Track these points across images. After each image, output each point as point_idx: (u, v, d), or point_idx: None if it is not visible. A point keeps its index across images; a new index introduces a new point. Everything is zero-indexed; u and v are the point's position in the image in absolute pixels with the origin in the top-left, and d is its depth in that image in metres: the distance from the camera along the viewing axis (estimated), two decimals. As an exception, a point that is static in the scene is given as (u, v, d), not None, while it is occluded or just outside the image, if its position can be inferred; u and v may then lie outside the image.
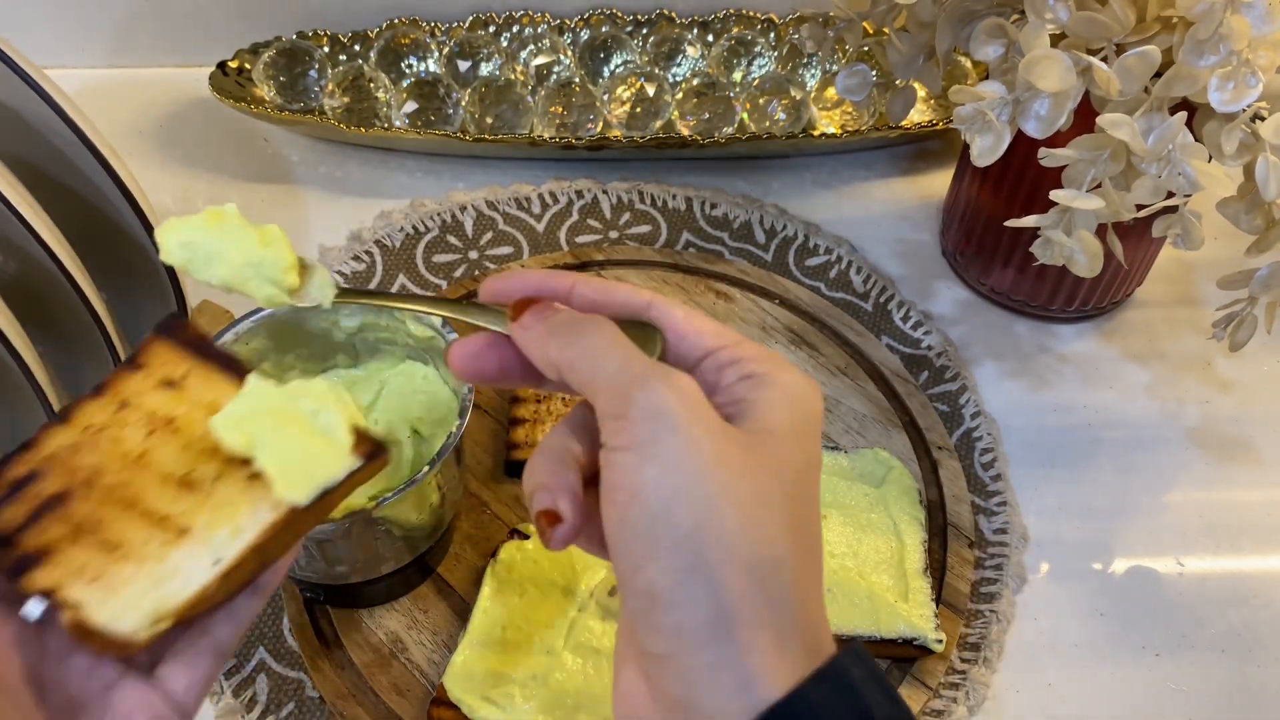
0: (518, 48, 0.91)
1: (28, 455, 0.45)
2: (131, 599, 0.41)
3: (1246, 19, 0.52)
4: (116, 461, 0.45)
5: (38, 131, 0.59)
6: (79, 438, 0.46)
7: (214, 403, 0.47)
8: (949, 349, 0.77)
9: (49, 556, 0.42)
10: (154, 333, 0.50)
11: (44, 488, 0.44)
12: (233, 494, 0.45)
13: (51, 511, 0.43)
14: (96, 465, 0.45)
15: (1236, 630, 0.64)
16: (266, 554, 0.44)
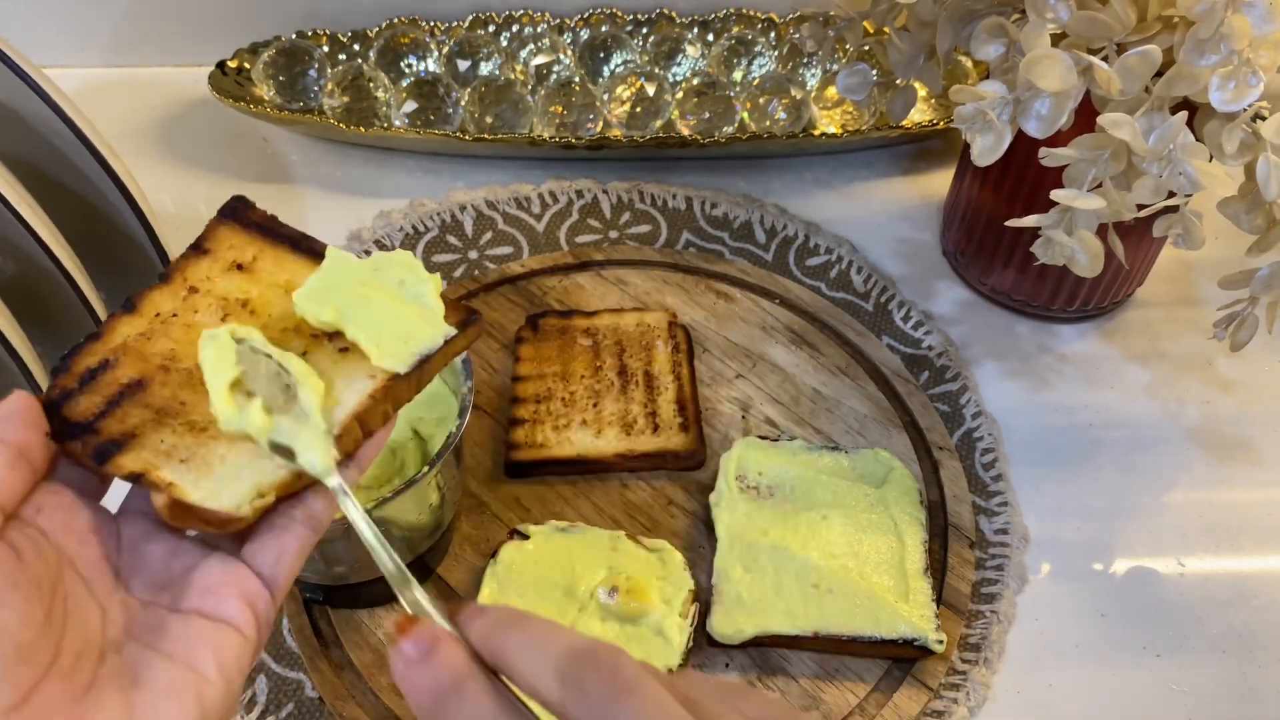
0: (517, 47, 0.91)
1: (96, 345, 0.44)
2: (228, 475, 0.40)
3: (1247, 18, 0.52)
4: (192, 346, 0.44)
5: (37, 131, 0.59)
6: (149, 325, 0.45)
7: (289, 282, 0.46)
8: (950, 349, 0.77)
9: (133, 440, 0.41)
10: (217, 217, 0.49)
11: (119, 375, 0.43)
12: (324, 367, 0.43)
13: (130, 398, 0.42)
14: (172, 351, 0.44)
15: (1237, 631, 0.64)
16: (366, 424, 0.43)
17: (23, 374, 0.56)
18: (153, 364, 0.43)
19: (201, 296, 0.46)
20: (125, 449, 0.41)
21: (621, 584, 0.59)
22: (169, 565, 0.41)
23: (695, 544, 0.65)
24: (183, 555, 0.41)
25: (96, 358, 0.43)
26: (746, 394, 0.73)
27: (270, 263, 0.47)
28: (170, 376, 0.43)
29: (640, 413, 0.69)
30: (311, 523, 0.43)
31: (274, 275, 0.47)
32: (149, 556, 0.41)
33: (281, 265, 0.47)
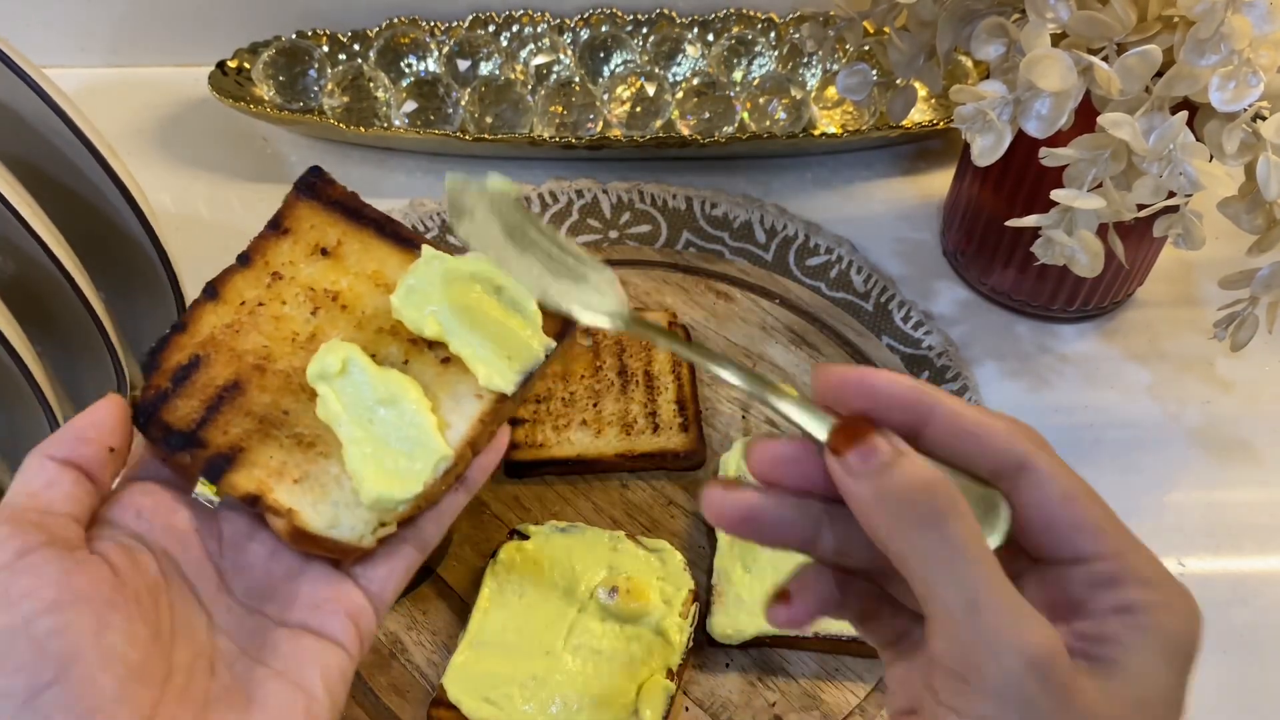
0: (517, 47, 0.91)
1: (183, 339, 0.42)
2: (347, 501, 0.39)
3: (1248, 18, 0.52)
4: (285, 344, 0.42)
5: (36, 131, 0.59)
6: (235, 316, 0.43)
7: (378, 273, 0.44)
8: (950, 349, 0.77)
9: (242, 455, 0.40)
10: (294, 192, 0.47)
11: (212, 375, 0.41)
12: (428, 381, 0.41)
13: (230, 403, 0.41)
14: (264, 349, 0.42)
15: (1238, 631, 0.64)
16: (475, 446, 0.42)
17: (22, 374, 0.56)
18: (246, 363, 0.42)
19: (287, 284, 0.44)
20: (236, 465, 0.39)
21: (621, 584, 0.59)
22: (271, 568, 0.40)
23: (695, 544, 0.65)
24: (284, 556, 0.41)
25: (186, 353, 0.42)
26: (746, 394, 0.73)
27: (356, 248, 0.45)
28: (267, 380, 0.42)
29: (640, 413, 0.69)
30: (420, 544, 0.42)
31: (362, 263, 0.44)
32: (251, 556, 0.41)
33: (369, 251, 0.45)
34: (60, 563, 0.34)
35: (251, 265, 0.45)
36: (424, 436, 0.40)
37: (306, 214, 0.46)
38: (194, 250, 0.74)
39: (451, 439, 0.41)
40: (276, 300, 0.44)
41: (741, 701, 0.59)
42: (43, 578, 0.34)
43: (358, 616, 0.40)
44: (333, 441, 0.40)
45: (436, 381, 0.42)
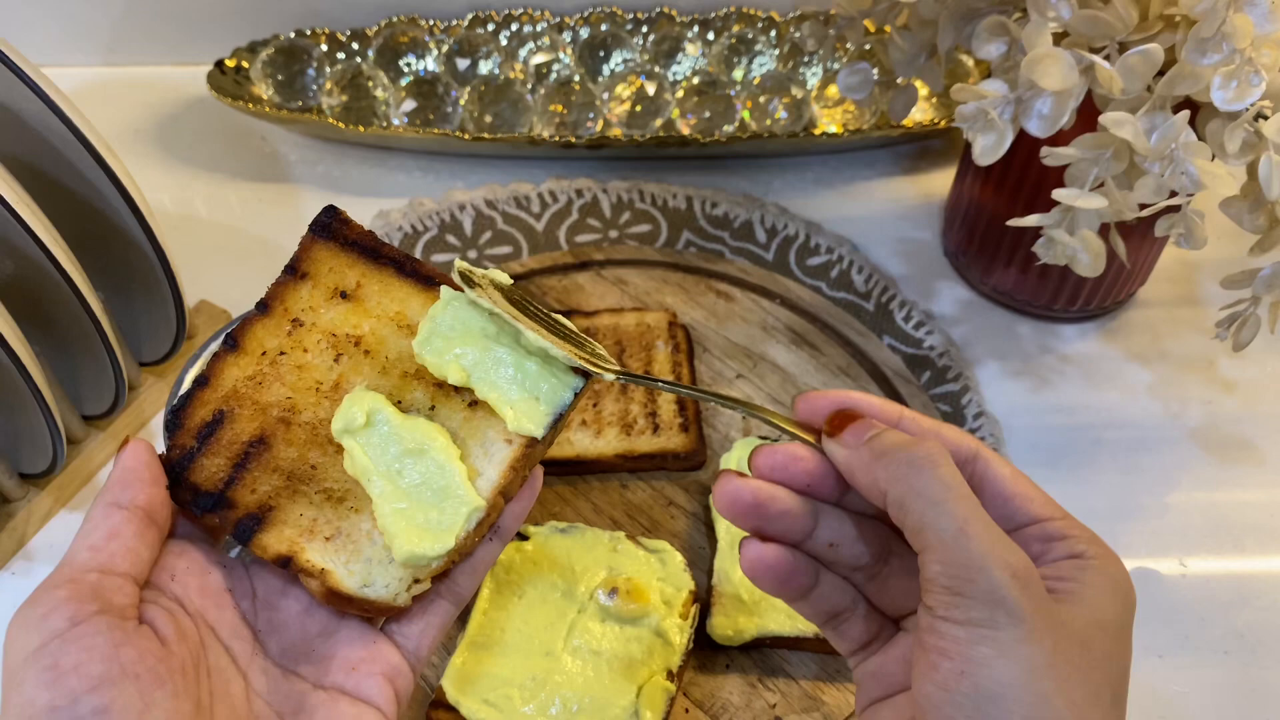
0: (517, 46, 0.91)
1: (206, 394, 0.42)
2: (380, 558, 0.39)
3: (1249, 17, 0.52)
4: (309, 395, 0.42)
5: (35, 131, 0.59)
6: (257, 367, 0.42)
7: (400, 314, 0.43)
8: (951, 349, 0.77)
9: (272, 514, 0.39)
10: (311, 234, 0.45)
11: (237, 431, 0.41)
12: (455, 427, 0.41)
13: (256, 460, 0.40)
14: (287, 400, 0.41)
15: (1239, 631, 0.64)
16: (507, 493, 0.41)
17: (20, 374, 0.56)
18: (271, 416, 0.41)
19: (308, 331, 0.43)
20: (266, 525, 0.39)
21: (621, 585, 0.59)
22: (305, 625, 0.40)
23: (695, 544, 0.65)
24: (318, 612, 0.41)
25: (209, 409, 0.41)
26: (747, 394, 0.73)
27: (377, 289, 0.44)
28: (293, 433, 0.41)
29: (640, 413, 0.69)
30: (455, 598, 0.42)
31: (383, 305, 0.44)
32: (284, 614, 0.41)
33: (389, 292, 0.44)
34: (110, 634, 0.35)
35: (270, 313, 0.44)
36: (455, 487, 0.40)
37: (324, 256, 0.45)
38: (192, 249, 0.74)
39: (483, 488, 0.40)
40: (298, 348, 0.43)
41: (742, 703, 0.59)
42: (92, 651, 0.34)
43: (394, 677, 0.40)
44: (363, 495, 0.40)
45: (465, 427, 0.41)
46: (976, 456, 0.39)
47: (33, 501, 0.64)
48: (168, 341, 0.68)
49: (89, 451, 0.67)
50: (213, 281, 0.75)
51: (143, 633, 0.36)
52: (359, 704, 0.39)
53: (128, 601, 0.36)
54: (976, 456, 0.39)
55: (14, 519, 0.64)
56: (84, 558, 0.37)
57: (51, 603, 0.35)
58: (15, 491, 0.64)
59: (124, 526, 0.38)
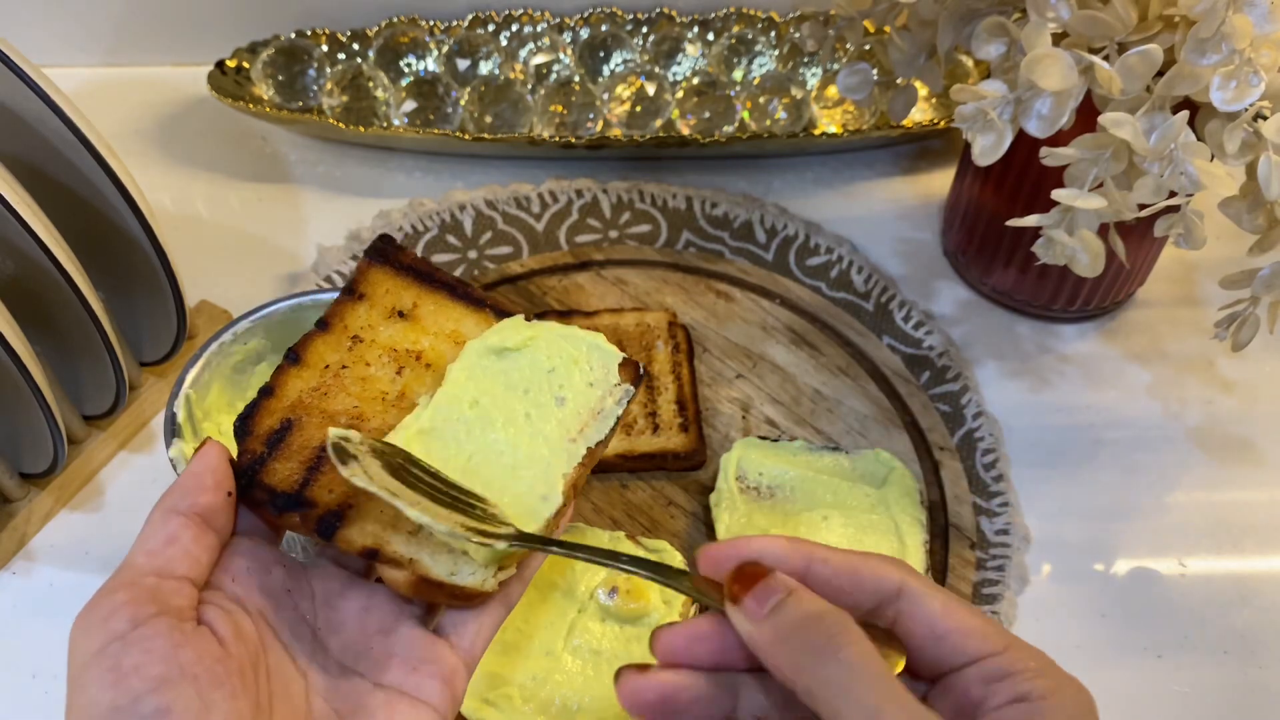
0: (517, 46, 0.91)
1: (271, 403, 0.43)
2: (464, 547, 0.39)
3: (1249, 18, 0.52)
4: (376, 404, 0.43)
5: (35, 131, 0.59)
6: (320, 379, 0.44)
7: (455, 333, 0.46)
8: (950, 349, 0.77)
9: (352, 511, 0.40)
10: (366, 258, 0.48)
11: (308, 437, 0.42)
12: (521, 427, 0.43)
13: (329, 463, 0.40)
14: (355, 409, 0.43)
15: (1239, 631, 0.64)
16: (577, 489, 0.43)
17: (21, 374, 0.56)
18: (339, 424, 0.42)
19: (368, 346, 0.45)
20: (348, 521, 0.40)
21: (621, 584, 0.59)
22: (364, 624, 0.41)
23: (695, 544, 0.65)
24: (376, 613, 0.41)
25: (276, 417, 0.43)
26: (746, 394, 0.73)
27: (432, 308, 0.46)
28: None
29: (640, 413, 0.69)
30: (505, 600, 0.42)
31: (439, 323, 0.46)
32: (344, 613, 0.41)
33: (444, 312, 0.46)
34: (170, 636, 0.35)
35: (330, 330, 0.46)
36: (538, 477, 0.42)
37: (380, 279, 0.47)
38: (193, 250, 0.74)
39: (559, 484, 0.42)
40: (360, 362, 0.44)
41: (742, 702, 0.59)
42: (152, 653, 0.34)
43: (451, 678, 0.40)
44: None
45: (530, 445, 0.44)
46: (900, 593, 0.35)
47: (33, 501, 0.64)
48: (169, 341, 0.68)
49: (90, 451, 0.67)
50: (213, 281, 0.76)
51: (201, 634, 0.36)
52: (418, 704, 0.39)
53: (186, 603, 0.37)
54: (900, 593, 0.35)
55: (15, 519, 0.64)
56: (141, 562, 0.37)
57: (112, 606, 0.35)
58: (16, 491, 0.64)
59: (181, 532, 0.38)
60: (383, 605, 0.41)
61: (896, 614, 0.35)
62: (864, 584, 0.35)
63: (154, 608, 0.36)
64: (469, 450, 0.43)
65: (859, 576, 0.35)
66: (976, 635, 0.34)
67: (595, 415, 0.44)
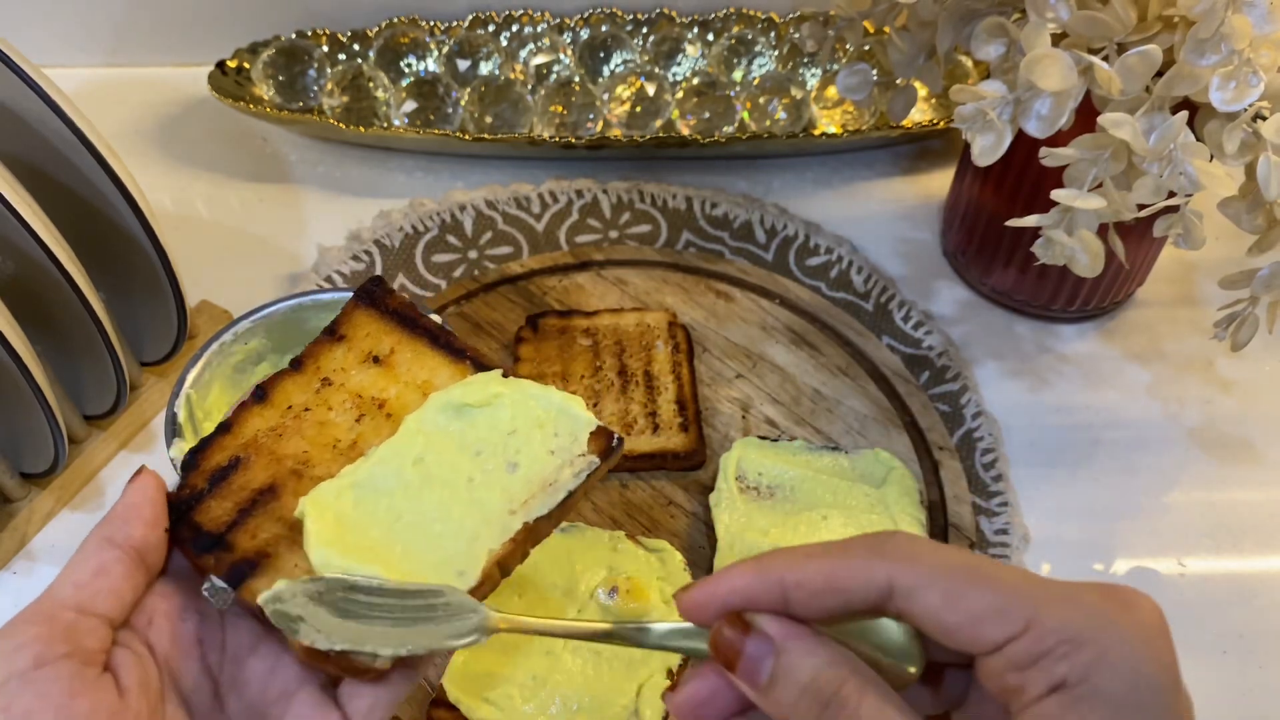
0: (517, 47, 0.91)
1: (226, 439, 0.42)
2: None
3: (1248, 18, 0.52)
4: (326, 451, 0.42)
5: (36, 131, 0.59)
6: (280, 420, 0.43)
7: (427, 383, 0.44)
8: (950, 349, 0.77)
9: (267, 561, 0.39)
10: (355, 300, 0.47)
11: (250, 478, 0.41)
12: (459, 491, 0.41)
13: (263, 507, 0.40)
14: (305, 455, 0.42)
15: (1238, 631, 0.64)
16: (506, 568, 0.41)
17: (21, 374, 0.56)
18: (285, 467, 0.42)
19: (335, 390, 0.44)
20: (260, 572, 0.39)
21: (621, 584, 0.59)
22: (267, 687, 0.40)
23: (695, 544, 0.65)
24: (281, 675, 0.40)
25: (227, 454, 0.42)
26: (746, 394, 0.73)
27: (408, 356, 0.45)
28: (303, 485, 0.41)
29: (640, 413, 0.69)
30: (410, 676, 0.41)
31: (412, 372, 0.45)
32: (249, 672, 0.40)
33: (420, 361, 0.45)
34: (70, 683, 0.35)
35: (303, 370, 0.45)
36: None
37: (363, 321, 0.46)
38: (193, 249, 0.74)
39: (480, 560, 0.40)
40: (323, 406, 0.44)
41: (741, 702, 0.59)
42: (47, 698, 0.34)
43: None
44: None
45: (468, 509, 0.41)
46: (891, 593, 0.31)
47: (34, 501, 0.64)
48: (169, 341, 0.68)
49: (90, 451, 0.67)
50: (214, 281, 0.76)
51: (103, 683, 0.36)
52: None
53: (98, 645, 0.36)
54: (891, 593, 0.31)
55: (15, 518, 0.64)
56: (66, 593, 0.37)
57: (23, 638, 0.35)
58: (17, 491, 0.64)
59: (113, 565, 0.37)
60: (288, 668, 0.40)
61: (898, 613, 0.32)
62: (850, 593, 0.32)
63: (64, 647, 0.35)
64: (399, 510, 0.41)
65: (838, 588, 0.32)
66: (990, 619, 0.30)
67: (546, 487, 0.42)
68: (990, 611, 0.30)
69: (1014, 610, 0.30)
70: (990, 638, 0.30)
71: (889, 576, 0.31)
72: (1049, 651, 0.29)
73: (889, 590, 0.31)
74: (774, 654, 0.32)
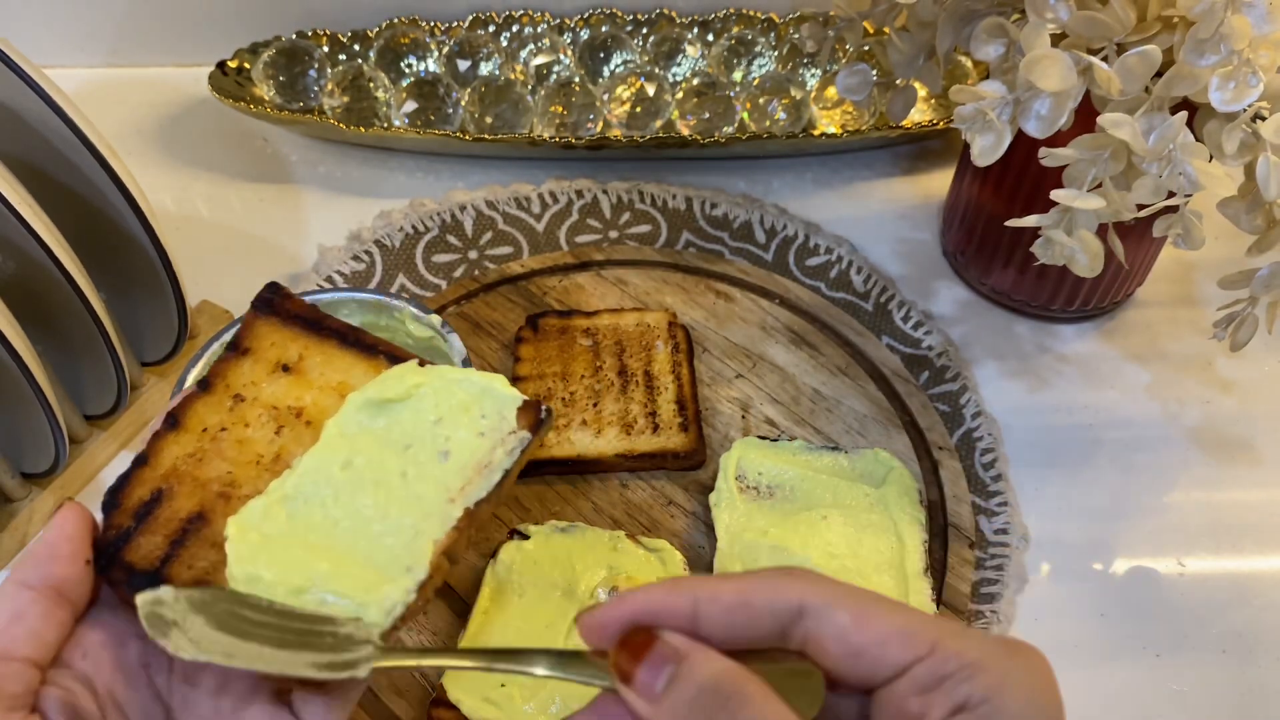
0: (517, 47, 0.91)
1: (145, 473, 0.41)
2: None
3: (1247, 18, 0.52)
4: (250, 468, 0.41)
5: (37, 131, 0.59)
6: (198, 444, 0.41)
7: (343, 384, 0.43)
8: (949, 349, 0.77)
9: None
10: (252, 311, 0.45)
11: (176, 509, 0.40)
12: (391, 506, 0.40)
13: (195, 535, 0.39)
14: (228, 475, 0.41)
15: (1238, 631, 0.64)
16: (453, 556, 0.40)
17: (22, 374, 0.56)
18: (211, 491, 0.40)
19: (249, 406, 0.43)
20: None
21: (621, 584, 0.59)
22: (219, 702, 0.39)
23: (695, 544, 0.65)
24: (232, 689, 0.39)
25: (148, 488, 0.41)
26: (746, 394, 0.73)
27: (319, 360, 0.44)
28: (232, 506, 0.40)
29: (640, 413, 0.69)
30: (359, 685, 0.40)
31: (325, 376, 0.43)
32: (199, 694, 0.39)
33: (332, 363, 0.44)
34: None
35: (212, 390, 0.43)
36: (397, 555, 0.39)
37: (266, 331, 0.45)
38: (194, 250, 0.74)
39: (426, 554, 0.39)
40: (239, 423, 0.42)
41: (741, 701, 0.59)
42: None
43: None
44: None
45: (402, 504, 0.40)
46: (803, 613, 0.31)
47: (35, 501, 0.64)
48: (170, 341, 0.68)
49: (91, 451, 0.67)
50: (214, 281, 0.76)
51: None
52: None
53: (22, 689, 0.35)
54: (803, 613, 0.31)
55: (16, 518, 0.64)
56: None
57: None
58: (17, 491, 0.64)
59: (30, 608, 0.36)
60: (239, 681, 0.39)
61: (804, 635, 0.32)
62: (758, 611, 0.32)
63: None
64: (335, 516, 0.40)
65: (751, 604, 0.32)
66: (895, 642, 0.30)
67: (481, 470, 0.41)
68: (896, 634, 0.30)
69: (919, 634, 0.30)
70: (896, 660, 0.30)
71: (801, 595, 0.31)
72: (952, 675, 0.29)
73: (799, 610, 0.31)
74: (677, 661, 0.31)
